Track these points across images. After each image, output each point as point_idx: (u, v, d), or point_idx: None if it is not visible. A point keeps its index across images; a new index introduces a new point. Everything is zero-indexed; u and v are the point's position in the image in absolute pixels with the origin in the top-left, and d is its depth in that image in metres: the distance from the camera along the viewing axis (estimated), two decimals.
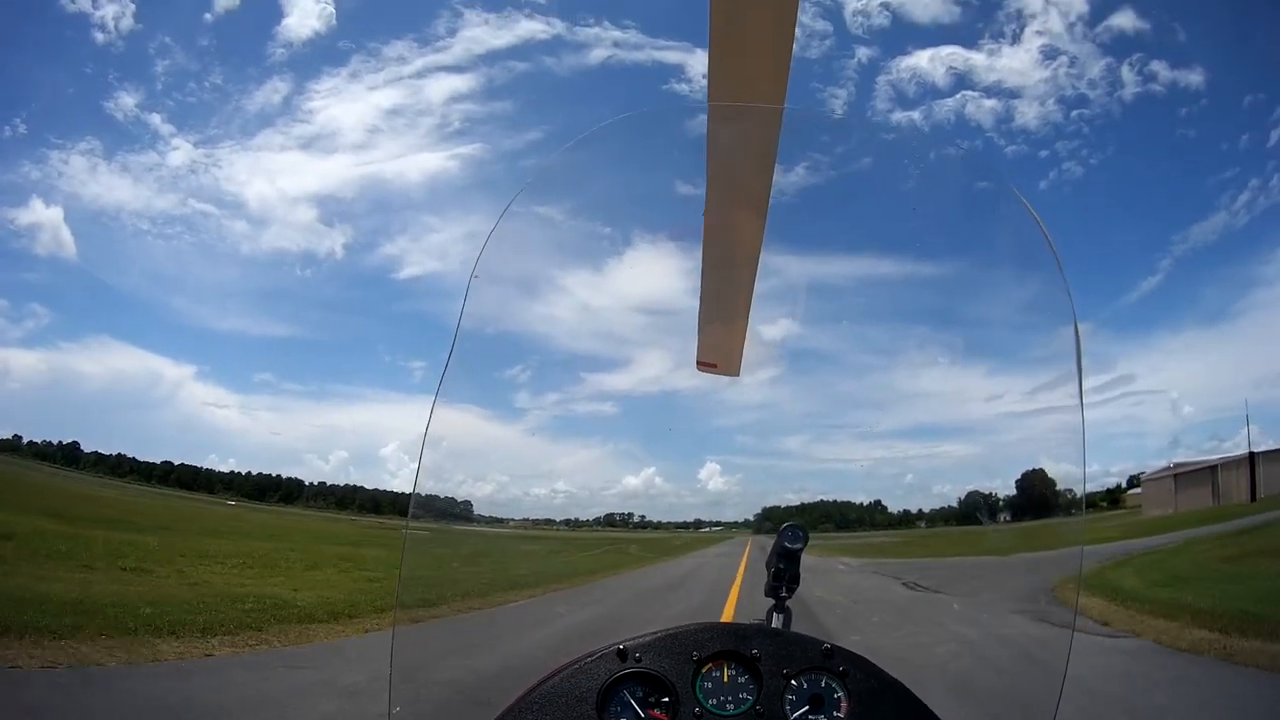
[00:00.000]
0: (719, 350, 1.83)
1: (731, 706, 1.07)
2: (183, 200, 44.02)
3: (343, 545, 19.66)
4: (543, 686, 1.07)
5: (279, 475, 52.34)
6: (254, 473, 51.54)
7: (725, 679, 1.09)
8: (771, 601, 1.33)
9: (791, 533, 1.31)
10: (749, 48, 1.34)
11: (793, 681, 1.08)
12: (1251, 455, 26.22)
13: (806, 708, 1.07)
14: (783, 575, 1.32)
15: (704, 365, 1.86)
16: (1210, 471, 27.46)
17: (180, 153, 42.23)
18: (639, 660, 1.08)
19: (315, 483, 51.84)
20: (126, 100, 41.01)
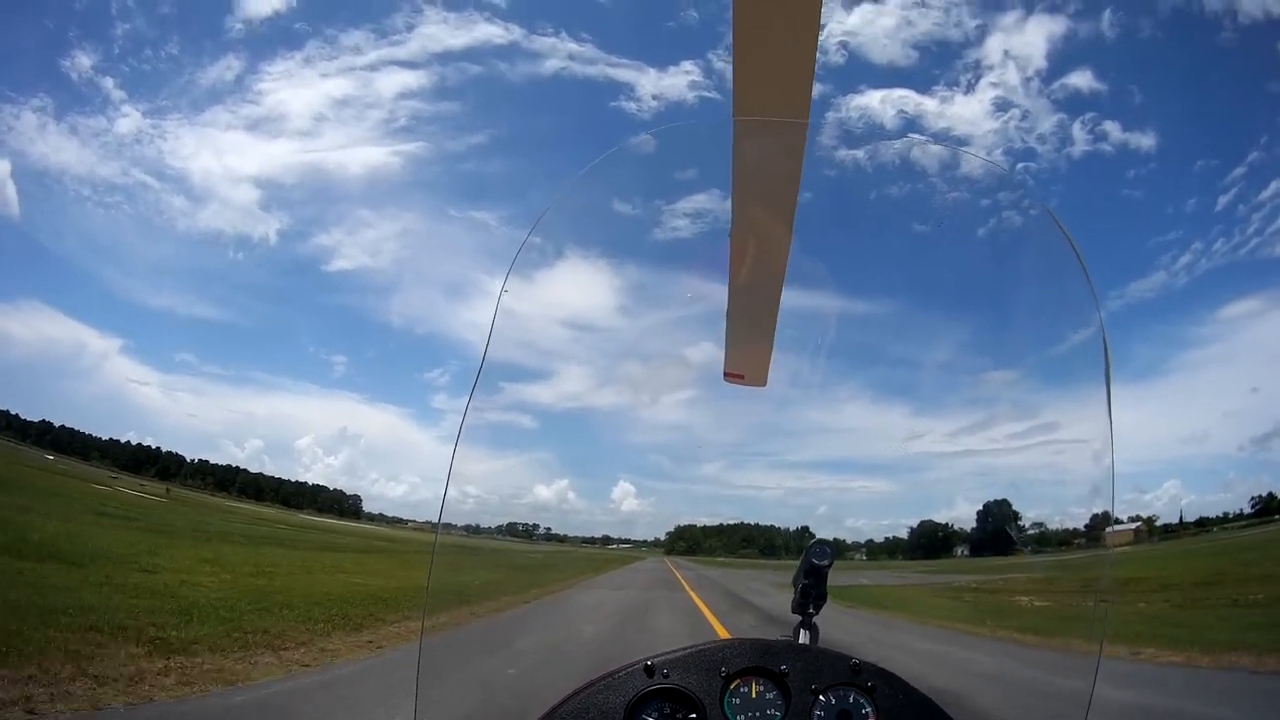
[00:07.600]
0: (746, 362, 1.87)
1: None
2: (125, 169, 41.77)
3: None
4: (570, 702, 1.06)
5: (158, 448, 48.31)
6: (133, 443, 47.32)
7: (753, 695, 1.08)
8: (799, 618, 1.31)
9: (819, 549, 1.29)
10: (772, 63, 1.36)
11: (821, 697, 1.08)
12: None
13: None
14: (810, 592, 1.29)
15: (731, 376, 1.88)
16: None
17: (129, 120, 40.44)
18: (666, 676, 1.07)
19: (195, 460, 48.26)
20: (83, 60, 38.77)
